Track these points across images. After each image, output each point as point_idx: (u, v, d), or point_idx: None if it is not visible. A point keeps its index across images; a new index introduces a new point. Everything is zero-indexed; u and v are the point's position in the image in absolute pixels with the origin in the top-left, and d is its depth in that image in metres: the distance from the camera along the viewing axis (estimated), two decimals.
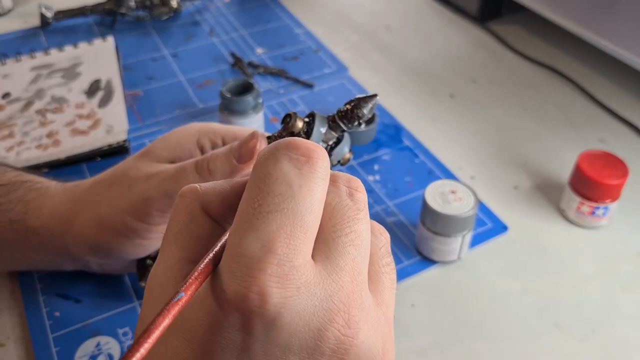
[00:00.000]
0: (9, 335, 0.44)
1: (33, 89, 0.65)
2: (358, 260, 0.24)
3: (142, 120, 0.62)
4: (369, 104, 0.34)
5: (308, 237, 0.23)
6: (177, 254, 0.24)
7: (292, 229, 0.22)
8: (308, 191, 0.23)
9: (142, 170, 0.41)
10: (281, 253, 0.22)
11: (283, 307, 0.22)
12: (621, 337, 0.44)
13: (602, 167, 0.49)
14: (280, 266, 0.22)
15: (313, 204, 0.23)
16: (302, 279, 0.22)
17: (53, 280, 0.47)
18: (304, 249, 0.22)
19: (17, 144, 0.58)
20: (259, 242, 0.22)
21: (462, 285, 0.47)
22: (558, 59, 0.72)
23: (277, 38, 0.75)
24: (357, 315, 0.23)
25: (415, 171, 0.56)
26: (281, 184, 0.23)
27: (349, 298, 0.23)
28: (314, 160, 0.24)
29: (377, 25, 0.79)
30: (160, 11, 0.78)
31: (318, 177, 0.23)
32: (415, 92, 0.67)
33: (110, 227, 0.41)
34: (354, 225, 0.24)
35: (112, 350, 0.42)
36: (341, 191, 0.25)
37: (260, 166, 0.24)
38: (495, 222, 0.52)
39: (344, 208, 0.24)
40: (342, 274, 0.23)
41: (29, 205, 0.42)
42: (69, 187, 0.44)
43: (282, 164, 0.23)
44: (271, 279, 0.21)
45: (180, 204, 0.25)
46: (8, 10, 0.82)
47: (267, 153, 0.24)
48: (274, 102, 0.65)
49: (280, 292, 0.21)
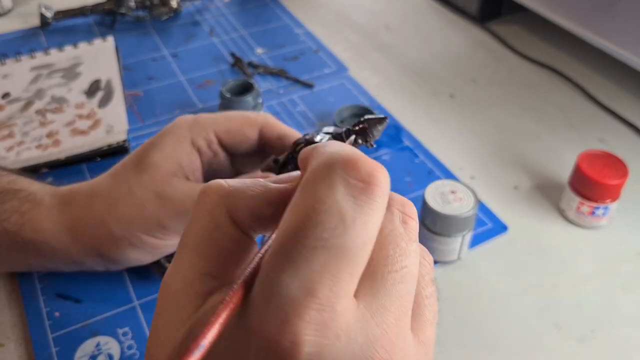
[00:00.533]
0: (9, 335, 0.44)
1: (33, 89, 0.65)
2: (405, 298, 0.21)
3: (142, 121, 0.62)
4: (379, 127, 0.34)
5: (354, 278, 0.20)
6: (198, 266, 0.22)
7: (338, 269, 0.19)
8: (362, 226, 0.20)
9: (150, 189, 0.40)
10: (322, 297, 0.19)
11: (318, 355, 0.19)
12: (621, 337, 0.44)
13: (602, 167, 0.49)
14: (321, 312, 0.19)
15: (366, 241, 0.20)
16: (343, 326, 0.19)
17: (53, 280, 0.47)
18: (348, 292, 0.20)
19: (17, 144, 0.58)
20: (298, 282, 0.19)
21: (462, 285, 0.47)
22: (558, 59, 0.72)
23: (277, 38, 0.75)
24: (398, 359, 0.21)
25: (415, 171, 0.56)
26: (333, 216, 0.20)
27: (391, 343, 0.20)
28: (374, 187, 0.20)
29: (377, 26, 0.79)
30: (160, 11, 0.78)
31: (376, 207, 0.20)
32: (415, 92, 0.67)
33: (123, 242, 0.41)
34: (405, 260, 0.21)
35: (112, 350, 0.42)
36: (395, 217, 0.22)
37: (311, 187, 0.20)
38: (495, 222, 0.52)
39: (396, 238, 0.22)
40: (387, 316, 0.20)
41: (24, 217, 0.41)
42: (65, 198, 0.42)
43: (337, 190, 0.20)
44: (309, 327, 0.19)
45: (203, 205, 0.23)
46: (8, 10, 0.82)
47: (320, 171, 0.21)
48: (274, 102, 0.65)
49: (317, 341, 0.19)
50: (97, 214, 0.41)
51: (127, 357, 0.42)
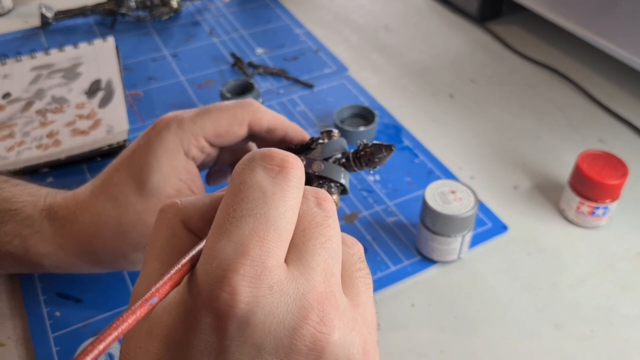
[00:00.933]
0: (10, 335, 0.44)
1: (33, 89, 0.65)
2: (329, 262, 0.24)
3: (142, 121, 0.62)
4: (385, 154, 0.36)
5: (281, 241, 0.23)
6: (159, 269, 0.25)
7: (265, 232, 0.23)
8: (281, 197, 0.24)
9: (152, 223, 0.39)
10: (254, 255, 0.22)
11: (256, 305, 0.22)
12: (620, 336, 0.44)
13: (601, 167, 0.49)
14: (253, 267, 0.22)
15: (286, 210, 0.24)
16: (275, 279, 0.22)
17: (54, 280, 0.47)
18: (277, 252, 0.23)
19: (17, 144, 0.58)
20: (232, 245, 0.22)
21: (462, 285, 0.47)
22: (558, 59, 0.72)
23: (277, 38, 0.75)
24: (332, 313, 0.23)
25: (415, 171, 0.57)
26: (255, 191, 0.24)
27: (322, 297, 0.23)
28: (288, 169, 0.25)
29: (377, 26, 0.79)
30: (160, 11, 0.78)
31: (291, 186, 0.24)
32: (415, 92, 0.67)
33: (139, 264, 0.42)
34: (322, 230, 0.25)
35: (112, 349, 0.42)
36: (309, 201, 0.26)
37: (237, 175, 0.25)
38: (495, 222, 0.52)
39: (312, 214, 0.25)
40: (314, 274, 0.24)
41: (28, 243, 0.41)
42: (67, 227, 0.41)
43: (257, 173, 0.24)
44: (243, 279, 0.22)
45: (162, 220, 0.26)
46: (8, 10, 0.82)
47: (243, 163, 0.25)
48: (274, 102, 0.65)
49: (252, 291, 0.22)
50: (109, 244, 0.40)
51: None
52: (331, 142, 0.38)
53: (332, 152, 0.37)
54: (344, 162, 0.37)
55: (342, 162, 0.37)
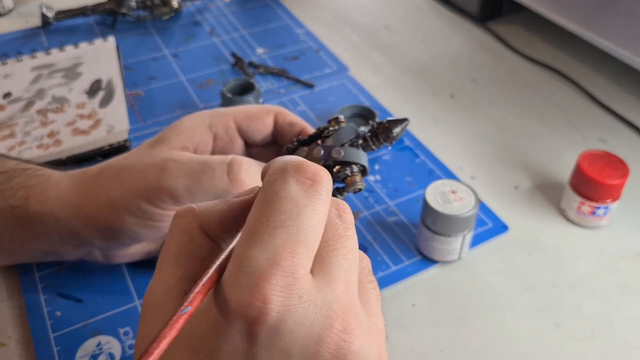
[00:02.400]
0: (10, 335, 0.44)
1: (34, 89, 0.65)
2: (350, 273, 0.26)
3: (142, 120, 0.62)
4: (401, 127, 0.38)
5: (310, 252, 0.24)
6: (177, 273, 0.25)
7: (296, 244, 0.24)
8: (312, 210, 0.25)
9: (156, 157, 0.40)
10: (285, 266, 0.23)
11: (286, 313, 0.23)
12: (621, 337, 0.44)
13: (602, 167, 0.49)
14: (284, 277, 0.23)
15: (316, 223, 0.25)
16: (304, 289, 0.23)
17: (54, 280, 0.47)
18: (306, 263, 0.24)
19: (18, 144, 0.58)
20: (265, 255, 0.23)
21: (463, 284, 0.47)
22: (558, 59, 0.72)
23: (277, 38, 0.75)
24: (353, 322, 0.24)
25: (415, 171, 0.57)
26: (288, 203, 0.24)
27: (345, 306, 0.24)
28: (319, 183, 0.25)
29: (377, 26, 0.79)
30: (161, 11, 0.78)
31: (321, 199, 0.25)
32: (416, 92, 0.67)
33: (122, 210, 0.40)
34: (344, 242, 0.26)
35: (113, 349, 0.42)
36: (331, 212, 0.27)
37: (270, 185, 0.25)
38: (495, 222, 0.52)
39: (334, 226, 0.26)
40: (337, 285, 0.25)
41: (31, 191, 0.42)
42: (75, 173, 0.43)
43: (290, 185, 0.25)
44: (275, 289, 0.22)
45: (178, 224, 0.26)
46: (9, 10, 0.82)
47: (275, 173, 0.25)
48: (275, 102, 0.65)
49: (283, 301, 0.23)
50: (102, 183, 0.41)
51: (128, 356, 0.42)
52: (343, 129, 0.39)
53: (347, 137, 0.39)
54: (361, 143, 0.38)
55: (360, 143, 0.38)
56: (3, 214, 0.41)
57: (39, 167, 0.44)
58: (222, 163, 0.39)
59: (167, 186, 0.39)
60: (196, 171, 0.39)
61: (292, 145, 0.41)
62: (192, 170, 0.39)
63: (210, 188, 0.39)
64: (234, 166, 0.39)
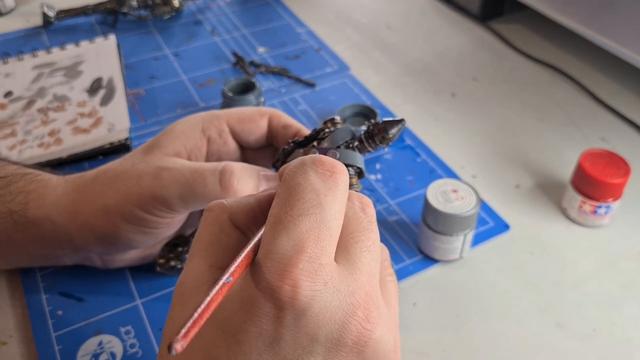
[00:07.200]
0: (12, 334, 0.44)
1: (35, 88, 0.65)
2: (372, 264, 0.27)
3: (143, 119, 0.62)
4: (397, 128, 0.37)
5: (333, 239, 0.26)
6: (208, 262, 0.26)
7: (320, 231, 0.25)
8: (332, 200, 0.26)
9: (151, 164, 0.40)
10: (310, 252, 0.24)
11: (312, 298, 0.24)
12: (622, 336, 0.44)
13: (604, 166, 0.49)
14: (310, 263, 0.24)
15: (337, 211, 0.26)
16: (328, 276, 0.25)
17: (55, 279, 0.47)
18: (330, 250, 0.25)
19: (19, 143, 0.58)
20: (290, 242, 0.24)
21: (464, 284, 0.47)
22: (560, 58, 0.72)
23: (278, 37, 0.75)
24: (375, 312, 0.26)
25: (417, 170, 0.56)
26: (310, 192, 0.26)
27: (367, 296, 0.26)
28: (337, 174, 0.27)
29: (378, 25, 0.79)
30: (162, 10, 0.78)
31: (340, 189, 0.27)
32: (417, 90, 0.67)
33: (117, 216, 0.40)
34: (368, 234, 0.27)
35: (114, 348, 0.42)
36: (355, 205, 0.28)
37: (291, 177, 0.27)
38: (496, 221, 0.52)
39: (358, 219, 0.27)
40: (360, 275, 0.26)
41: (30, 196, 0.42)
42: (71, 178, 0.43)
43: (310, 176, 0.26)
44: (302, 273, 0.24)
45: (209, 217, 0.28)
46: (10, 9, 0.82)
47: (295, 167, 0.27)
48: (276, 101, 0.65)
49: (310, 286, 0.24)
50: (97, 189, 0.41)
51: (129, 355, 0.42)
52: (340, 130, 0.39)
53: (342, 139, 0.38)
54: (357, 144, 0.38)
55: (355, 145, 0.38)
56: (2, 219, 0.42)
57: (39, 172, 0.44)
58: (214, 171, 0.39)
59: (160, 195, 0.39)
60: (189, 180, 0.39)
61: (288, 147, 0.41)
62: (185, 179, 0.39)
63: (203, 196, 0.39)
64: (226, 174, 0.39)
